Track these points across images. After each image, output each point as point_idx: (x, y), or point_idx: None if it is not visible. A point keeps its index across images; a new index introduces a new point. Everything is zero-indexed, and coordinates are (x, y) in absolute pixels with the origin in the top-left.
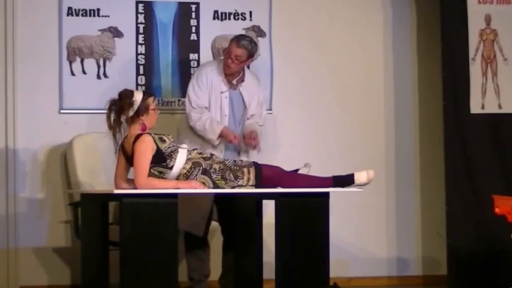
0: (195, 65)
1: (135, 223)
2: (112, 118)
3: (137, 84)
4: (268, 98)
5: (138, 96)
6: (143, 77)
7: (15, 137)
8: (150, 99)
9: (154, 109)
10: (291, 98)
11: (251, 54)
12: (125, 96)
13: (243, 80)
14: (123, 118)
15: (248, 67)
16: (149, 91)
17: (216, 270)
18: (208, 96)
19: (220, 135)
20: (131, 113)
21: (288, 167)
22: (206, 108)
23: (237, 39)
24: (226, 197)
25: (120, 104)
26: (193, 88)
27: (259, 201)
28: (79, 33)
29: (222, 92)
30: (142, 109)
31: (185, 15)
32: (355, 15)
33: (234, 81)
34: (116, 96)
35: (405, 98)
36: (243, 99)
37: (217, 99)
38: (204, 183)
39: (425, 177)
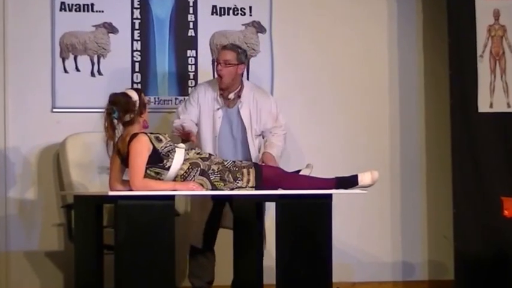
0: (193, 62)
1: (131, 226)
2: (110, 126)
3: (133, 82)
4: None
5: (134, 96)
6: (139, 75)
7: (6, 136)
8: (143, 95)
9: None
10: (292, 97)
11: (240, 58)
12: (123, 99)
13: (239, 96)
14: (119, 122)
15: (248, 78)
16: (137, 87)
17: (228, 274)
18: (198, 114)
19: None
20: (132, 115)
21: (289, 168)
22: (195, 125)
23: (224, 45)
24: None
25: (125, 108)
26: (184, 105)
27: (259, 204)
28: (72, 29)
29: (216, 110)
30: (142, 107)
31: (182, 11)
32: (358, 11)
33: (231, 96)
34: (107, 102)
35: (411, 97)
36: (241, 118)
37: (209, 119)
38: (202, 185)
39: (431, 178)
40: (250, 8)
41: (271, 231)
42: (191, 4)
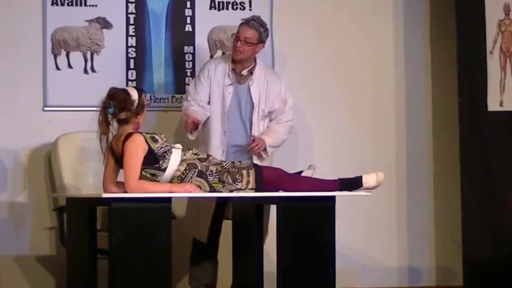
0: (190, 59)
1: (125, 229)
2: (105, 121)
3: (127, 80)
4: None
5: (134, 94)
6: (134, 72)
7: None
8: (143, 96)
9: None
10: (293, 95)
11: (261, 39)
12: (121, 95)
13: (251, 73)
14: (113, 118)
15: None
16: (140, 87)
17: (227, 279)
18: (209, 91)
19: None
20: (128, 113)
21: (290, 169)
22: (208, 104)
23: (247, 20)
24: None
25: (122, 105)
26: (194, 83)
27: (259, 206)
28: (64, 24)
29: (227, 85)
30: (140, 108)
31: (179, 5)
32: (362, 5)
33: (245, 72)
34: (105, 96)
35: (417, 95)
36: (250, 96)
37: (219, 95)
38: (199, 187)
39: (439, 180)
40: (250, 2)
41: (272, 232)
42: None
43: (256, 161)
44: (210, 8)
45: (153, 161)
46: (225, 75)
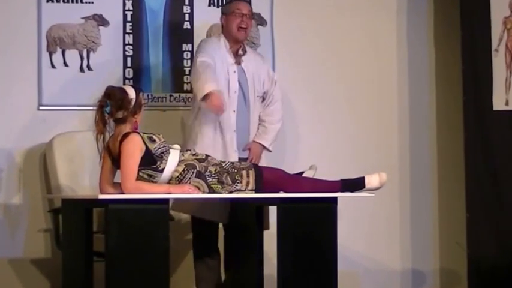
0: (189, 57)
1: (122, 231)
2: (101, 120)
3: (124, 78)
4: None
5: (131, 93)
6: (131, 70)
7: None
8: (141, 95)
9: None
10: (294, 94)
11: (252, 13)
12: (118, 94)
13: (245, 51)
14: (110, 118)
15: None
16: (137, 86)
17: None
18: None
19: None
20: (125, 112)
21: (291, 170)
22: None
23: None
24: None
25: (119, 104)
26: (201, 50)
27: (259, 208)
28: (60, 21)
29: (232, 64)
30: (137, 107)
31: (178, 2)
32: (365, 2)
33: (240, 52)
34: (102, 94)
35: (421, 94)
36: (245, 75)
37: (225, 75)
38: (198, 188)
39: (443, 181)
40: None
41: (273, 234)
42: None
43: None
44: (209, 5)
45: (150, 162)
46: (227, 55)
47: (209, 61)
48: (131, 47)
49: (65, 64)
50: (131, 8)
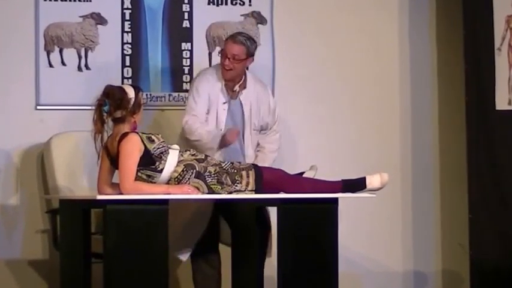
0: (188, 56)
1: (121, 232)
2: (100, 119)
3: (123, 77)
4: None
5: (131, 92)
6: (129, 69)
7: None
8: (140, 94)
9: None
10: (294, 93)
11: (250, 53)
12: (117, 93)
13: (245, 87)
14: (108, 117)
15: (247, 68)
16: (137, 85)
17: (226, 285)
18: (207, 107)
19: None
20: (124, 112)
21: (292, 170)
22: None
23: (232, 36)
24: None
25: (118, 103)
26: (193, 97)
27: (259, 208)
28: (58, 19)
29: (222, 103)
30: (136, 106)
31: (177, 0)
32: (366, 1)
33: (236, 88)
34: (101, 93)
35: (423, 93)
36: (242, 109)
37: (213, 111)
38: (197, 188)
39: (445, 181)
40: None
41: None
42: None
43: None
44: (209, 4)
45: (149, 162)
46: (219, 92)
47: (195, 123)
48: (130, 46)
49: (63, 63)
50: (130, 7)
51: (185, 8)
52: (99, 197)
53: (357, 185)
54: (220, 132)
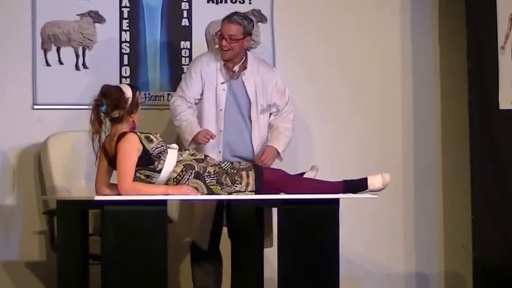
0: (187, 54)
1: (119, 234)
2: (97, 119)
3: (121, 77)
4: None
5: (128, 92)
6: (128, 68)
7: None
8: (138, 94)
9: (140, 104)
10: (295, 92)
11: (247, 31)
12: (115, 93)
13: (245, 68)
14: (106, 117)
15: (249, 50)
16: (134, 84)
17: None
18: (201, 89)
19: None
20: (122, 112)
21: (292, 170)
22: (197, 101)
23: (228, 16)
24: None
25: (115, 103)
26: (185, 79)
27: (259, 209)
28: (55, 18)
29: (221, 83)
30: (134, 106)
31: None
32: None
33: (236, 68)
34: (98, 93)
35: (425, 92)
36: (246, 91)
37: (212, 92)
38: (197, 189)
39: (448, 182)
40: None
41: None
42: None
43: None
44: (208, 1)
45: (147, 162)
46: (217, 72)
47: (180, 106)
48: (128, 45)
49: (60, 62)
50: (128, 5)
51: (184, 6)
52: (97, 198)
53: (358, 185)
54: (197, 129)
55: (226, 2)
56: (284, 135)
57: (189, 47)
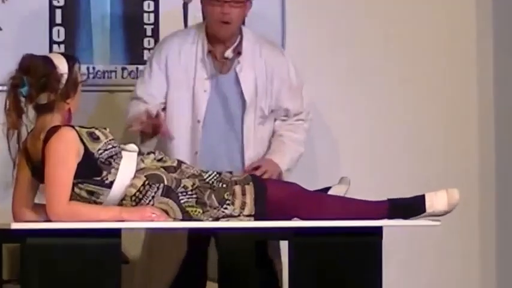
0: (152, 9)
1: (48, 280)
2: (15, 108)
3: (51, 42)
4: None
5: (62, 65)
6: (61, 29)
7: None
8: (77, 68)
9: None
10: (315, 78)
11: None
12: (42, 67)
13: (239, 53)
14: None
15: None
16: (71, 54)
17: None
18: (166, 88)
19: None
20: (52, 96)
21: (312, 186)
22: (163, 105)
23: None
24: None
25: (43, 82)
26: (144, 73)
27: (260, 244)
28: None
29: (203, 79)
30: (71, 86)
31: None
32: None
33: (229, 53)
34: (16, 67)
35: (509, 83)
36: (241, 89)
37: (187, 94)
38: (166, 212)
39: None
40: None
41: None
42: None
43: None
44: None
45: (92, 172)
46: (196, 63)
47: (139, 107)
48: None
49: None
50: None
51: None
52: (15, 226)
53: (411, 207)
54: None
55: None
56: (292, 149)
57: (153, 9)
